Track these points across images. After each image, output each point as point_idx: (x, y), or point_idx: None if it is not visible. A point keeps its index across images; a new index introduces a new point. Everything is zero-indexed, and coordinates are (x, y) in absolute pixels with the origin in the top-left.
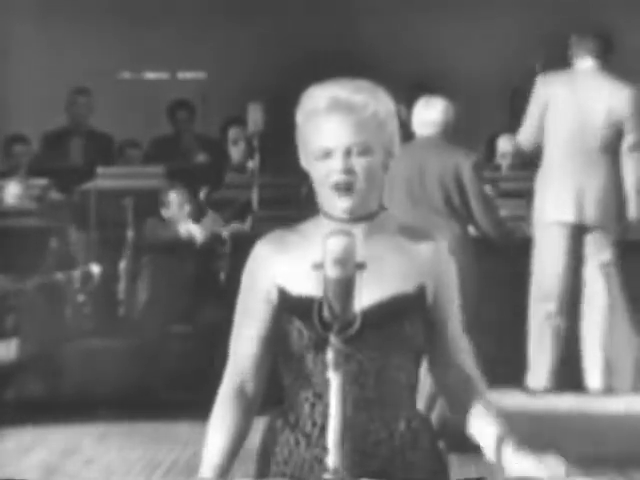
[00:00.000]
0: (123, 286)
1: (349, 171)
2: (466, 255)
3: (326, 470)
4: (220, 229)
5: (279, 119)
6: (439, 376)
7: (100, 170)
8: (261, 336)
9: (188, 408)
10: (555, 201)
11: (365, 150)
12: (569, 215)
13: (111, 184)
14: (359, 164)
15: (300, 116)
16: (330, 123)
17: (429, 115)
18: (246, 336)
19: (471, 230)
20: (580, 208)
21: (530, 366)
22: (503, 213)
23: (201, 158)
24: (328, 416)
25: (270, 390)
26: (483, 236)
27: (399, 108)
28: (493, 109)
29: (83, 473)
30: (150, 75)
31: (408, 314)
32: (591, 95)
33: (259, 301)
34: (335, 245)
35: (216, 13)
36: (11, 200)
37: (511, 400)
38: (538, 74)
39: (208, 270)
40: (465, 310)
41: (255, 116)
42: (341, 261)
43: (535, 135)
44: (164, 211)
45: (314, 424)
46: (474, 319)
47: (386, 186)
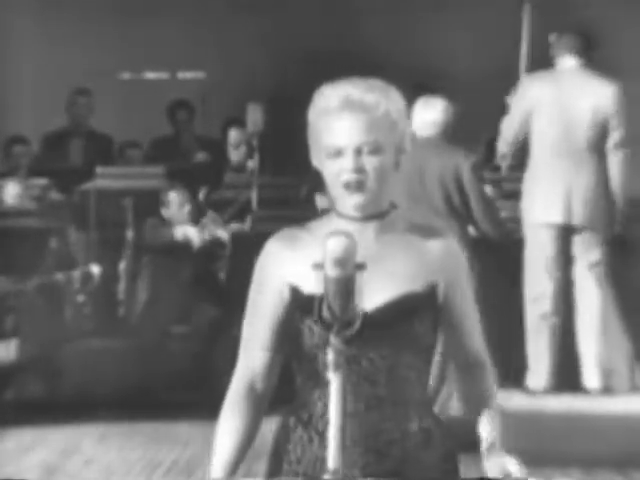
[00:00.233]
0: (123, 286)
1: (360, 170)
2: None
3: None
4: (220, 232)
5: (279, 119)
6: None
7: (100, 170)
8: (272, 334)
9: (188, 408)
10: (543, 202)
11: (376, 149)
12: (557, 216)
13: (111, 184)
14: (370, 163)
15: (312, 115)
16: (341, 122)
17: (429, 115)
18: (257, 334)
19: (471, 230)
20: (568, 209)
21: (529, 366)
22: (503, 214)
23: (201, 157)
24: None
25: (276, 388)
26: (483, 236)
27: None
28: (493, 109)
29: (83, 473)
30: (150, 75)
31: (418, 313)
32: (575, 94)
33: (270, 299)
34: (335, 245)
35: (216, 13)
36: (11, 200)
37: (511, 400)
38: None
39: (208, 270)
40: None
41: (255, 116)
42: (341, 261)
43: (514, 137)
44: (164, 211)
45: (327, 422)
46: None
47: None
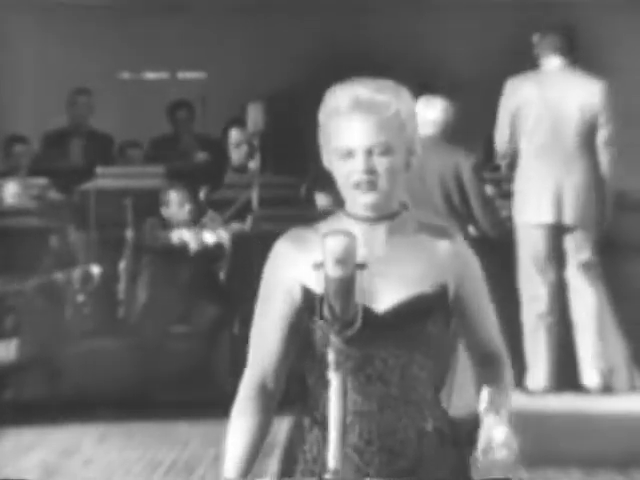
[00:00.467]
0: (123, 286)
1: (371, 171)
2: None
3: (356, 467)
4: (220, 232)
5: (279, 119)
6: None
7: (100, 170)
8: (282, 334)
9: (188, 408)
10: (534, 202)
11: (386, 150)
12: (548, 216)
13: (111, 184)
14: (381, 164)
15: (322, 115)
16: (352, 122)
17: (429, 115)
18: (267, 334)
19: (471, 229)
20: (559, 208)
21: (528, 367)
22: (503, 213)
23: (201, 157)
24: (355, 413)
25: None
26: (483, 235)
27: None
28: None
29: (83, 473)
30: (150, 75)
31: (430, 314)
32: (562, 93)
33: (280, 299)
34: (335, 245)
35: (216, 13)
36: (10, 200)
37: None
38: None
39: (208, 270)
40: None
41: (255, 116)
42: (341, 261)
43: (510, 139)
44: (164, 210)
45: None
46: None
47: None
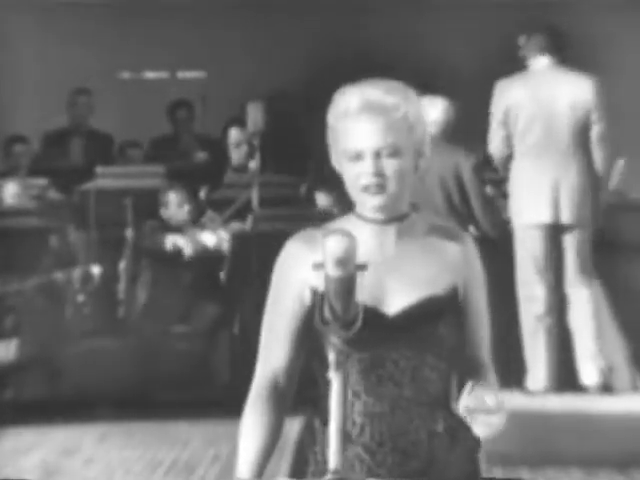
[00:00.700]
0: (123, 286)
1: (379, 174)
2: None
3: (368, 468)
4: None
5: (279, 119)
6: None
7: (100, 170)
8: (293, 335)
9: (188, 408)
10: (531, 203)
11: (395, 152)
12: (545, 216)
13: (111, 184)
14: (389, 166)
15: (331, 117)
16: (360, 124)
17: (430, 115)
18: (277, 334)
19: (471, 229)
20: (556, 207)
21: (528, 367)
22: (504, 214)
23: (201, 157)
24: (366, 414)
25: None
26: (483, 235)
27: None
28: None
29: (83, 473)
30: (150, 75)
31: (442, 315)
32: (553, 92)
33: (290, 300)
34: (335, 245)
35: (216, 13)
36: (10, 200)
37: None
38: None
39: (208, 270)
40: None
41: (255, 116)
42: (342, 261)
43: (504, 142)
44: (163, 211)
45: (353, 423)
46: None
47: None
